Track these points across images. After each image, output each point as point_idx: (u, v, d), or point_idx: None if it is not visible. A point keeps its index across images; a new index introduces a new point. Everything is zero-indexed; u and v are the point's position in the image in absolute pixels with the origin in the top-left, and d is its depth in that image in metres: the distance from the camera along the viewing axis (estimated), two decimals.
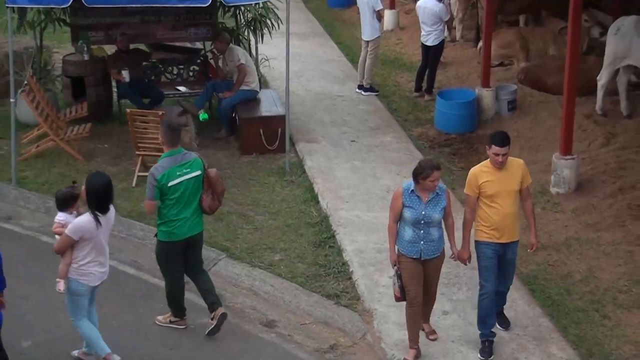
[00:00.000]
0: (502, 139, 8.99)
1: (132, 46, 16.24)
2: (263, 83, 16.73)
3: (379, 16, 17.66)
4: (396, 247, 9.23)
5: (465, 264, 9.58)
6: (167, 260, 9.83)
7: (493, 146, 8.94)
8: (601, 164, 13.85)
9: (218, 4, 14.53)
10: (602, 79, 15.28)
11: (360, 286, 10.93)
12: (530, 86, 16.95)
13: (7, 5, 13.00)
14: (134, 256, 11.68)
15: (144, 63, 16.22)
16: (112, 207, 9.03)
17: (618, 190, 13.04)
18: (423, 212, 8.94)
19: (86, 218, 8.68)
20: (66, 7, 13.74)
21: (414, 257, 9.05)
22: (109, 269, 10.18)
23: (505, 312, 10.42)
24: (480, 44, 17.64)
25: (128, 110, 14.14)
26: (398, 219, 9.12)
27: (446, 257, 9.54)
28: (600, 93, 15.39)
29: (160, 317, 10.23)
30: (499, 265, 9.36)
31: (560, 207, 12.92)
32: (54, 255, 9.84)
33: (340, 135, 15.72)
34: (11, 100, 13.69)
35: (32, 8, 14.65)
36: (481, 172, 9.19)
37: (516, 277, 10.99)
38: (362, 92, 17.83)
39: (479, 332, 9.54)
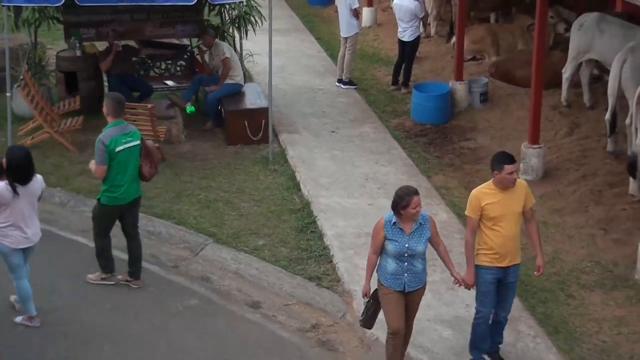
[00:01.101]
0: (511, 157, 8.48)
1: (122, 42, 16.27)
2: (247, 77, 16.76)
3: (356, 14, 17.71)
4: (377, 278, 8.61)
5: (469, 290, 8.94)
6: (104, 221, 10.44)
7: (505, 166, 8.35)
8: (566, 152, 14.06)
9: (204, 2, 14.61)
10: (566, 72, 15.47)
11: (340, 269, 11.02)
12: (501, 79, 17.05)
13: (3, 4, 13.07)
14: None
15: (134, 59, 16.24)
16: (37, 178, 9.52)
17: (581, 177, 13.23)
18: (407, 245, 8.29)
19: (1, 186, 9.10)
20: (59, 6, 13.74)
21: (397, 289, 8.42)
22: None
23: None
24: (454, 39, 17.82)
25: None
26: (379, 251, 8.48)
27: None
28: (565, 85, 15.61)
29: (91, 276, 10.67)
30: (498, 290, 8.79)
31: None
32: (45, 240, 10.17)
33: (320, 126, 15.80)
34: (7, 94, 13.83)
35: (27, 7, 14.67)
36: (484, 193, 8.52)
37: None
38: (342, 86, 17.89)
39: (470, 357, 9.13)
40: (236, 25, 17.03)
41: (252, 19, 17.03)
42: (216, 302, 10.39)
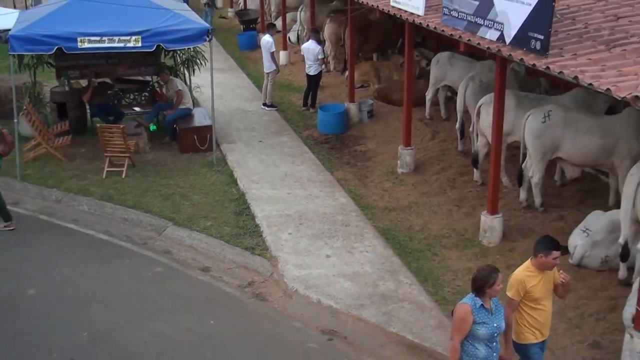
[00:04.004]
0: (557, 243, 6.75)
1: (100, 80, 16.10)
2: (195, 103, 16.63)
3: (273, 56, 17.76)
4: None
5: None
6: None
7: (553, 252, 6.63)
8: (430, 152, 14.24)
9: (161, 49, 14.54)
10: (428, 95, 15.72)
11: (268, 241, 11.05)
12: (382, 101, 17.17)
13: (9, 53, 12.88)
14: (107, 227, 11.63)
15: (109, 91, 16.05)
16: None
17: (441, 169, 13.44)
18: (495, 325, 6.35)
19: None
20: (52, 54, 13.56)
21: None
22: (88, 237, 10.34)
23: (367, 253, 10.60)
24: (347, 73, 17.93)
25: (98, 125, 14.19)
26: (463, 339, 6.37)
27: None
28: (427, 104, 15.80)
29: None
30: None
31: (404, 182, 13.19)
32: (45, 228, 9.98)
33: (251, 137, 15.76)
34: (15, 120, 13.62)
35: (27, 54, 14.46)
36: (527, 277, 6.70)
37: (375, 229, 11.33)
38: (266, 108, 17.84)
39: None
40: (186, 65, 16.91)
41: (198, 61, 16.93)
42: (177, 269, 10.39)
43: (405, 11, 11.96)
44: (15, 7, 23.86)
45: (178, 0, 17.61)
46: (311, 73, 17.58)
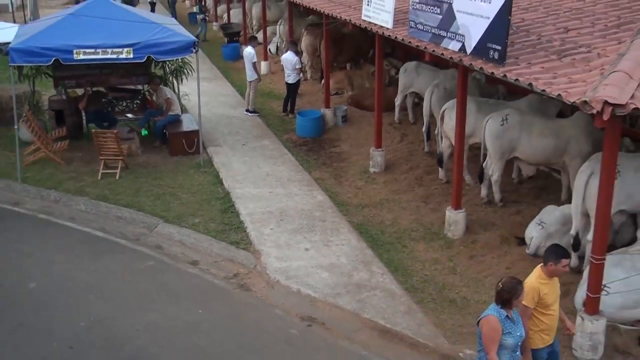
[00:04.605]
0: (567, 251, 6.57)
1: (94, 89, 15.96)
2: (183, 110, 16.57)
3: (255, 66, 17.72)
4: None
5: None
6: None
7: (563, 260, 6.39)
8: (399, 153, 14.27)
9: (151, 60, 14.47)
10: (397, 101, 15.79)
11: (251, 235, 11.02)
12: (355, 107, 17.19)
13: (10, 64, 12.77)
14: (102, 224, 11.55)
15: (103, 99, 15.93)
16: None
17: (409, 169, 13.48)
18: (518, 334, 6.08)
19: None
20: (49, 64, 13.44)
21: None
22: (85, 234, 10.23)
23: (342, 246, 10.58)
24: (323, 81, 17.97)
25: (93, 130, 14.03)
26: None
27: None
28: (397, 109, 15.86)
29: None
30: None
31: (376, 180, 13.22)
32: (44, 226, 9.87)
33: (235, 141, 15.71)
34: (15, 126, 13.48)
35: (27, 65, 14.35)
36: (541, 284, 6.44)
37: (349, 224, 11.32)
38: (248, 114, 17.80)
39: None
40: (174, 75, 16.84)
41: (185, 70, 16.86)
42: (167, 263, 10.33)
43: (376, 24, 11.99)
44: (14, 22, 23.58)
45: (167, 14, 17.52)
46: (290, 81, 17.56)
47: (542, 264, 6.56)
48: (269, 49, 23.61)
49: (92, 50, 12.78)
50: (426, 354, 8.14)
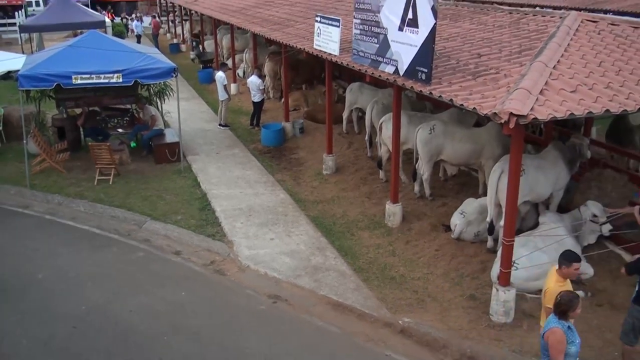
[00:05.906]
0: (578, 256, 6.15)
1: (90, 108, 15.67)
2: (166, 125, 16.35)
3: (225, 88, 17.54)
4: None
5: None
6: None
7: (574, 263, 6.01)
8: (347, 158, 14.23)
9: (138, 83, 14.24)
10: (345, 114, 15.74)
11: (225, 229, 10.93)
12: (310, 120, 17.09)
13: (19, 88, 12.51)
14: (98, 223, 11.33)
15: (98, 117, 15.63)
16: None
17: (355, 171, 13.43)
18: (577, 341, 5.49)
19: None
20: (52, 88, 13.14)
21: None
22: (84, 231, 10.00)
23: (301, 236, 10.53)
24: (283, 99, 17.91)
25: (90, 143, 13.77)
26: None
27: None
28: (344, 122, 15.80)
29: None
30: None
31: (328, 181, 13.16)
32: (50, 225, 9.63)
33: (210, 150, 15.53)
34: (24, 141, 13.19)
35: (33, 89, 14.04)
36: (560, 287, 5.93)
37: (307, 217, 11.25)
38: (221, 127, 17.61)
39: None
40: (158, 95, 16.62)
41: (167, 92, 16.65)
42: (155, 253, 10.20)
43: (325, 52, 12.00)
44: (23, 52, 23.05)
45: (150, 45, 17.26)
46: (255, 100, 17.43)
47: (557, 267, 6.12)
48: (238, 73, 23.42)
49: (88, 75, 12.60)
50: (372, 322, 8.20)
